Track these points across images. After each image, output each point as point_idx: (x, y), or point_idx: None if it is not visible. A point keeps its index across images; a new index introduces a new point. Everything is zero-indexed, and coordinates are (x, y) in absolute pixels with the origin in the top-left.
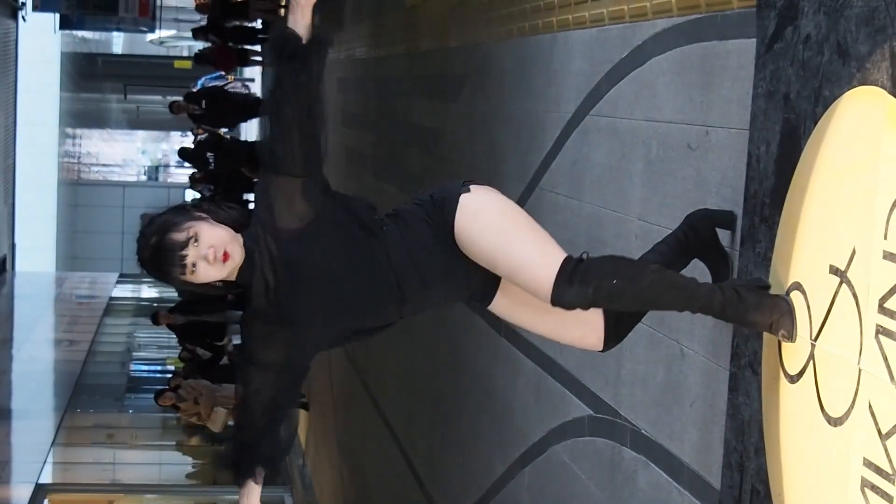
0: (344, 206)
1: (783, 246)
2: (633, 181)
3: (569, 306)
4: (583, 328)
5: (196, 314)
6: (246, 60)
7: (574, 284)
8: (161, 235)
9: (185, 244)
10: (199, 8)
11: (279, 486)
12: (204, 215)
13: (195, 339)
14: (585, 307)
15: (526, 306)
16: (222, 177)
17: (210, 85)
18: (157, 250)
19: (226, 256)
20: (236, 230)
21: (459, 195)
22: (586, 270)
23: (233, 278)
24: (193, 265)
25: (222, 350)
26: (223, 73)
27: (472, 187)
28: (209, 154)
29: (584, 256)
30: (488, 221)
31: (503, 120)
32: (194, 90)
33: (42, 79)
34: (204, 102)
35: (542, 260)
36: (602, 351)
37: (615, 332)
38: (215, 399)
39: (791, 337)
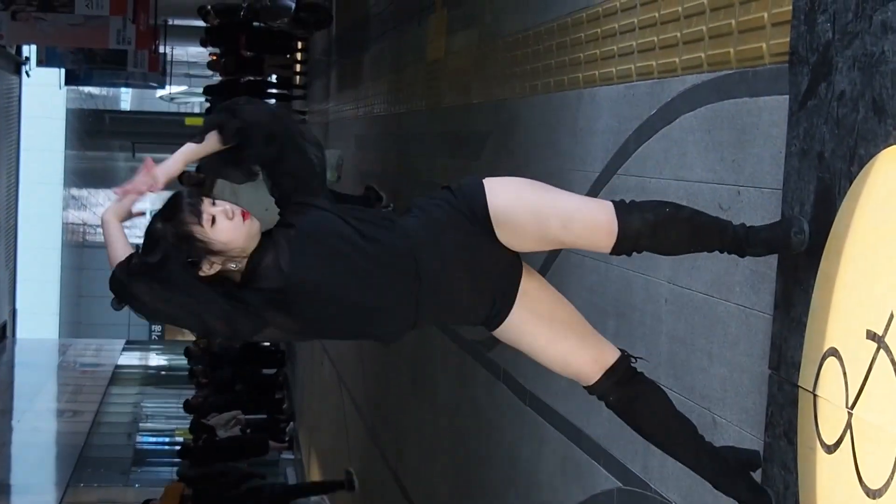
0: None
1: (818, 310)
2: None
3: (635, 234)
4: (599, 348)
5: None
6: None
7: (633, 212)
8: (178, 197)
9: (200, 201)
10: (212, 65)
11: None
12: None
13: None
14: (649, 234)
15: (546, 319)
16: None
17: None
18: (173, 205)
19: (245, 214)
20: None
21: (481, 180)
22: (637, 204)
23: (246, 254)
24: (213, 217)
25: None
26: None
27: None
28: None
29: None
30: (521, 186)
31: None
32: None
33: (46, 136)
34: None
35: (591, 203)
36: (590, 387)
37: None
38: None
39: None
